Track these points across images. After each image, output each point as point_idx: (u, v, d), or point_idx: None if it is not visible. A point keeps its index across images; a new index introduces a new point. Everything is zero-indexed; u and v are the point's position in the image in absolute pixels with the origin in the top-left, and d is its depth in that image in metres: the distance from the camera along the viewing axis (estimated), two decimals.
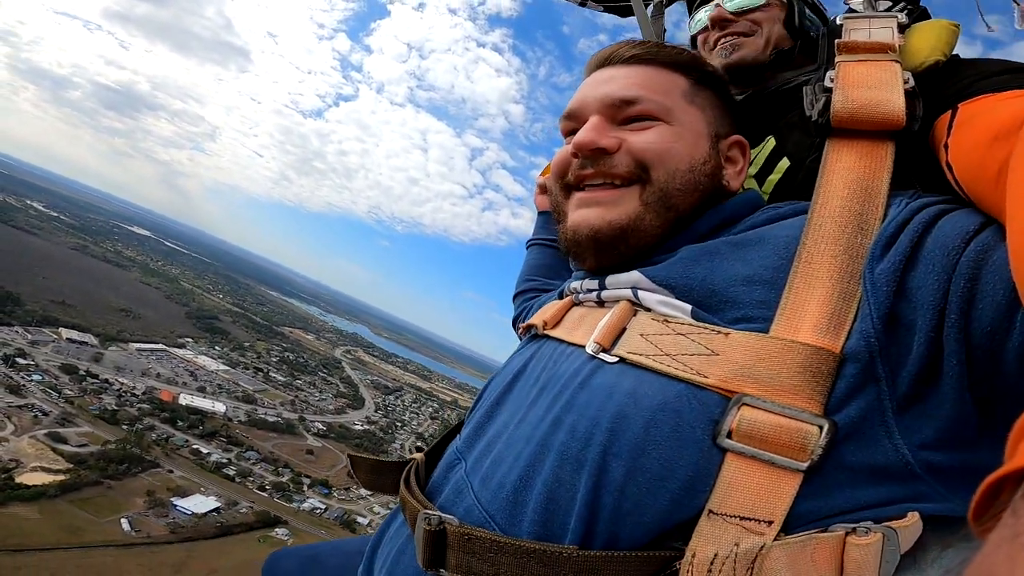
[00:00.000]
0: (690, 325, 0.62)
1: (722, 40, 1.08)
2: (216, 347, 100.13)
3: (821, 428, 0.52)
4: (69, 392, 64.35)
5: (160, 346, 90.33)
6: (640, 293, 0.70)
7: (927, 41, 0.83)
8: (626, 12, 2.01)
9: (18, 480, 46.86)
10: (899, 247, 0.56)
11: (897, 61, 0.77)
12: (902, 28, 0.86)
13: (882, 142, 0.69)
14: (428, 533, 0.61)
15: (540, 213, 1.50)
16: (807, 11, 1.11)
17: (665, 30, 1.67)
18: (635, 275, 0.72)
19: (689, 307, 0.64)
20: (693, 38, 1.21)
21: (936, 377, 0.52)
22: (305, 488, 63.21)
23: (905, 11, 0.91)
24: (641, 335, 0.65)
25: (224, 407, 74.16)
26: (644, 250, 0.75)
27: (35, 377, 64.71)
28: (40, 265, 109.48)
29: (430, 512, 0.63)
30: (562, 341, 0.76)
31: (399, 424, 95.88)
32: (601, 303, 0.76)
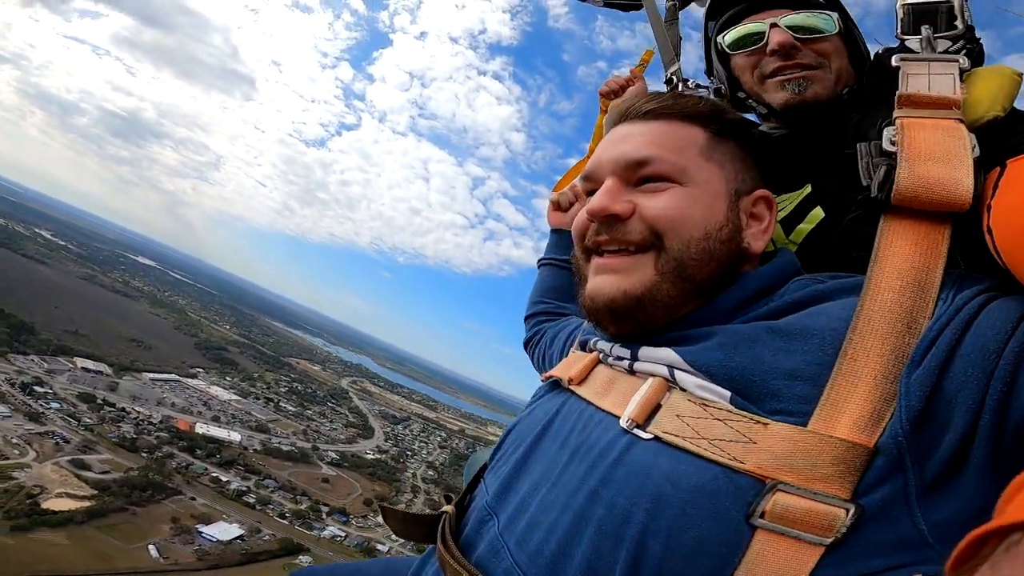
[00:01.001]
0: (728, 411, 0.63)
1: (787, 71, 0.95)
2: (227, 377, 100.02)
3: (847, 511, 0.54)
4: (88, 420, 64.23)
5: (173, 376, 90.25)
6: (677, 373, 0.69)
7: (988, 92, 0.77)
8: (630, 6, 1.92)
9: (44, 505, 46.61)
10: (937, 351, 0.56)
11: (962, 120, 0.71)
12: (962, 73, 0.77)
13: (940, 225, 0.65)
14: None
15: (553, 231, 1.46)
16: (864, 45, 1.00)
17: (681, 38, 1.57)
18: (671, 354, 0.71)
19: (728, 393, 0.65)
20: (722, 54, 1.06)
21: (962, 467, 0.54)
22: (324, 516, 62.77)
23: (965, 51, 0.82)
24: (678, 415, 0.65)
25: (239, 436, 73.93)
26: (665, 320, 0.74)
27: (53, 405, 64.60)
28: (51, 294, 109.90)
29: (474, 573, 0.65)
30: (591, 404, 0.75)
31: (410, 453, 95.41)
32: (632, 372, 0.75)
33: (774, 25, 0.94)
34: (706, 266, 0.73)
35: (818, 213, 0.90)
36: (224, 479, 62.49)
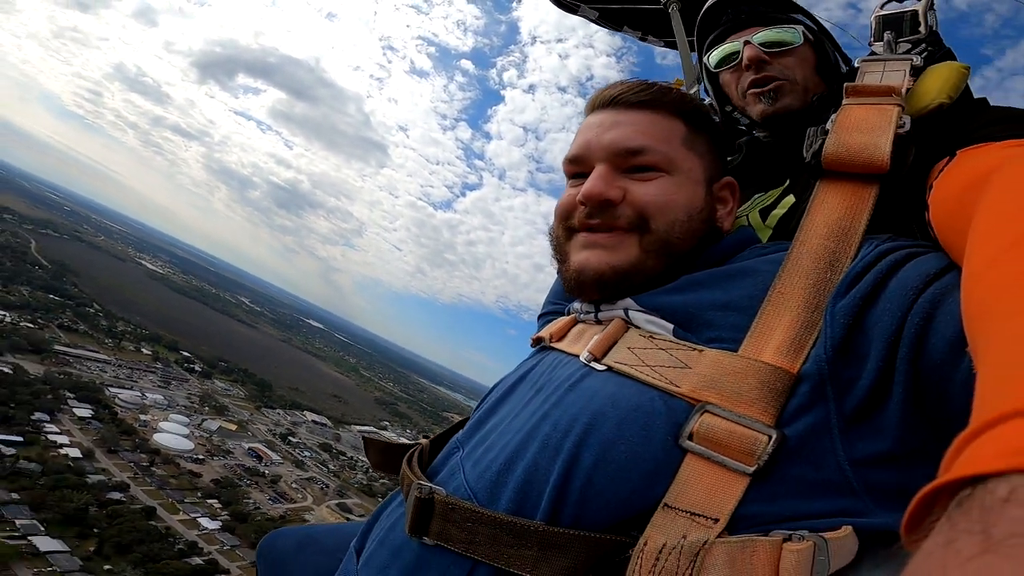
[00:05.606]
0: (671, 342, 0.71)
1: (759, 84, 1.05)
2: (407, 430, 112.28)
3: (770, 437, 0.58)
4: (332, 467, 77.15)
5: (371, 428, 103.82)
6: (631, 313, 0.78)
7: (935, 83, 0.85)
8: (669, 43, 2.19)
9: None
10: (863, 286, 0.62)
11: (900, 105, 0.79)
12: (916, 71, 0.86)
13: (867, 185, 0.74)
14: (418, 500, 0.69)
15: None
16: (835, 53, 1.09)
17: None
18: (628, 301, 0.79)
19: (671, 326, 0.73)
20: (711, 74, 1.17)
21: (883, 402, 0.58)
22: None
23: (924, 54, 0.90)
24: (629, 348, 0.73)
25: None
26: (646, 288, 0.80)
27: (307, 453, 78.59)
28: (268, 355, 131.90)
29: (423, 483, 0.71)
30: (563, 352, 0.83)
31: None
32: (599, 321, 0.83)
33: (747, 42, 1.05)
34: (689, 241, 0.80)
35: (790, 199, 0.99)
36: None
